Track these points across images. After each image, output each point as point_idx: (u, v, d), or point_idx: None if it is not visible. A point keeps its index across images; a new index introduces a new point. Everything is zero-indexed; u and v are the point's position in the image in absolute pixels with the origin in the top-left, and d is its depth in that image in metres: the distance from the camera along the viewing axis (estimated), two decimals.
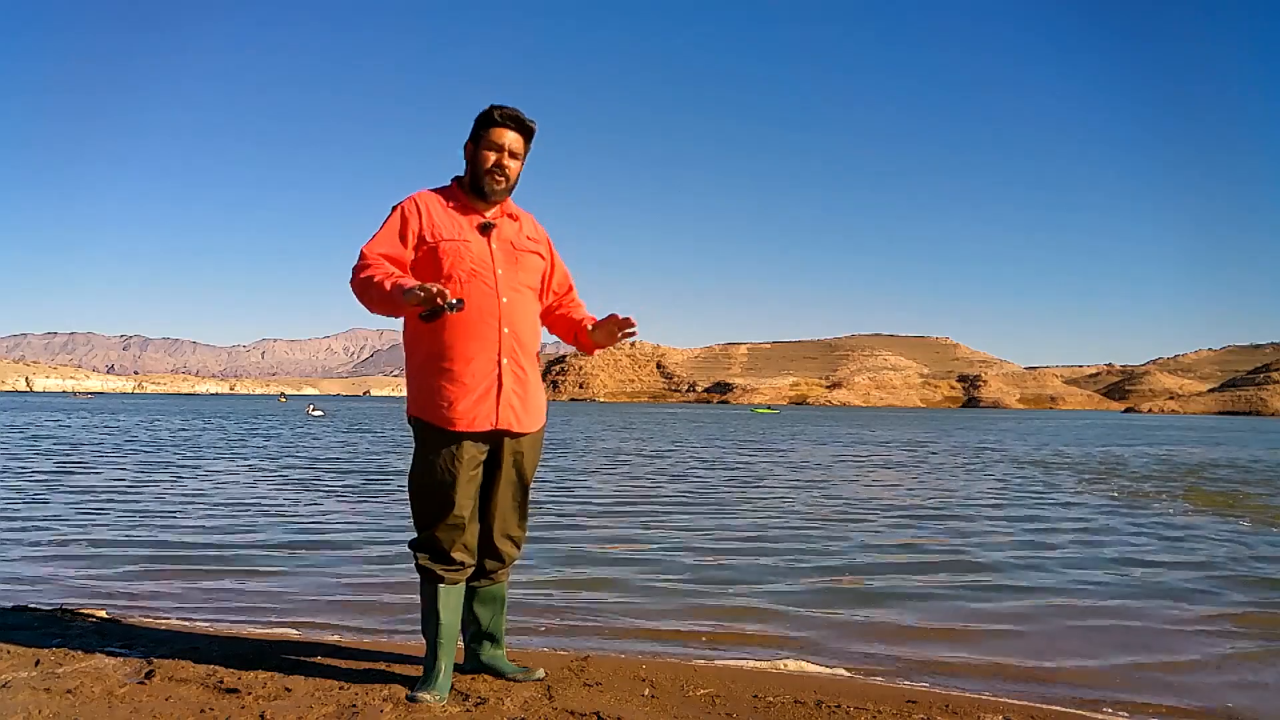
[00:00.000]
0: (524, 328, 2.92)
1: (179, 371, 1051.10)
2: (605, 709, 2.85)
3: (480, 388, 2.83)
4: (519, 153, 2.95)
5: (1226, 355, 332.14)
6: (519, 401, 2.89)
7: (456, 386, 2.83)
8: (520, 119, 2.92)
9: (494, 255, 2.90)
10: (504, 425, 2.87)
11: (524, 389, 2.91)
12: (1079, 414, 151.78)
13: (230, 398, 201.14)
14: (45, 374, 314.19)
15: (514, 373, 2.88)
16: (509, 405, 2.87)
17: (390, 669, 3.17)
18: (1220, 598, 5.42)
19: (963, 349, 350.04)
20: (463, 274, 2.84)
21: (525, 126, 2.94)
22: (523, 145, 2.96)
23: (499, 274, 2.88)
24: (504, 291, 2.88)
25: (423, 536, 2.89)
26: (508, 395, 2.86)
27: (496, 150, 2.90)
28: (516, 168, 2.95)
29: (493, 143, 2.91)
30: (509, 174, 2.93)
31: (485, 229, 2.90)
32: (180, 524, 7.74)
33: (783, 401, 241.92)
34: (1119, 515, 9.49)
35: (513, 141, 2.92)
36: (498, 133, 2.91)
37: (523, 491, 3.01)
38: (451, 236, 2.87)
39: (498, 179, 2.91)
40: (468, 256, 2.86)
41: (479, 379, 2.83)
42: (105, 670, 3.11)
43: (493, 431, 2.87)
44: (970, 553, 6.89)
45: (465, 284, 2.83)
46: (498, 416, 2.85)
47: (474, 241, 2.88)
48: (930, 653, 4.10)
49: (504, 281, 2.89)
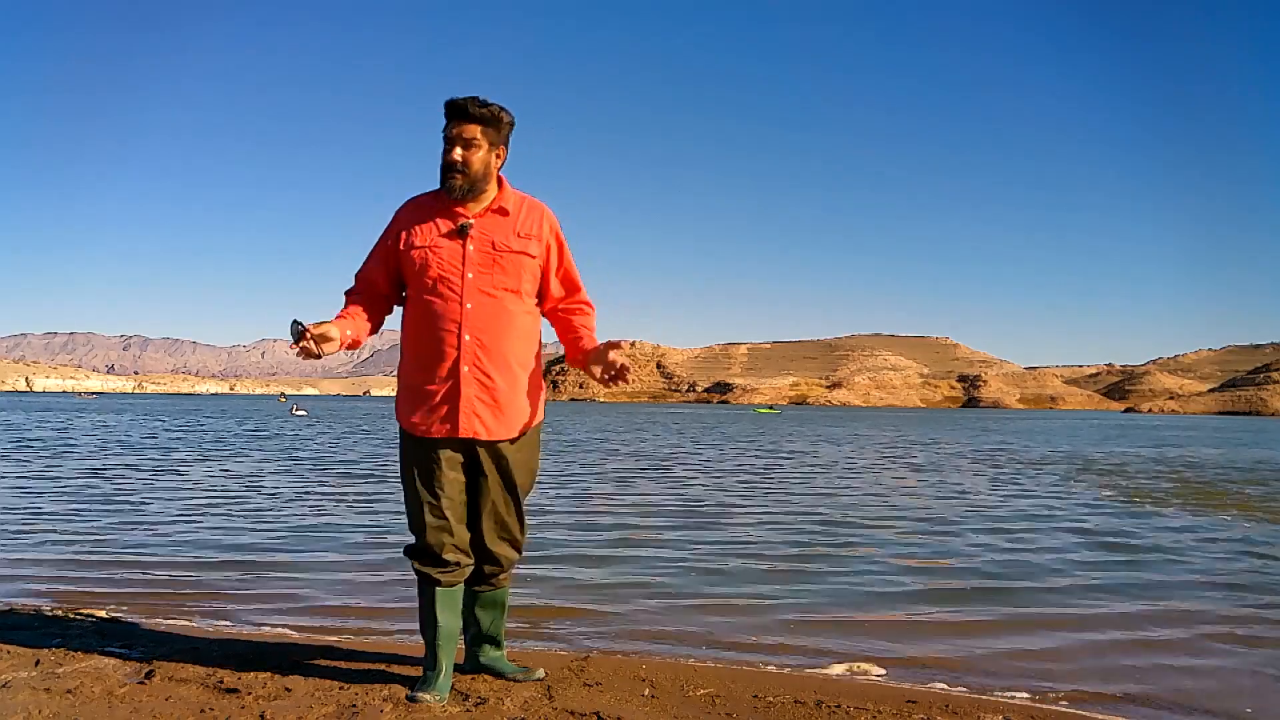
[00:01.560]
0: (494, 333, 2.82)
1: (179, 371, 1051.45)
2: (605, 709, 2.85)
3: (437, 395, 2.81)
4: (474, 139, 2.80)
5: (1226, 355, 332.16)
6: (486, 409, 2.82)
7: (416, 393, 2.85)
8: (463, 105, 2.80)
9: (466, 258, 2.82)
10: (467, 434, 2.81)
11: (491, 396, 2.82)
12: (1080, 414, 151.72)
13: (230, 398, 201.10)
14: (45, 374, 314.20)
15: (478, 380, 2.80)
16: (471, 414, 2.80)
17: (390, 669, 3.17)
18: (1227, 601, 5.40)
19: (963, 349, 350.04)
20: (429, 281, 2.82)
21: (471, 112, 2.79)
22: (479, 130, 2.80)
23: (468, 278, 2.81)
24: (470, 297, 2.80)
25: (417, 541, 2.89)
26: (469, 403, 2.80)
27: (447, 145, 2.82)
28: (478, 156, 2.81)
29: (445, 136, 2.83)
30: (467, 166, 2.81)
31: (461, 231, 2.83)
32: (180, 524, 7.73)
33: (783, 401, 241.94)
34: (1129, 517, 9.49)
35: (461, 129, 2.80)
36: (447, 126, 2.83)
37: (513, 497, 2.95)
38: (421, 243, 2.84)
39: (453, 175, 2.82)
40: (434, 262, 2.82)
41: (436, 387, 2.81)
42: (105, 670, 3.10)
43: (461, 440, 2.84)
44: (973, 553, 6.89)
45: (431, 290, 2.82)
46: (458, 425, 2.80)
47: (444, 246, 2.82)
48: (932, 653, 4.10)
49: (473, 286, 2.81)
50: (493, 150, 2.87)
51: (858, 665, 3.84)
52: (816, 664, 3.84)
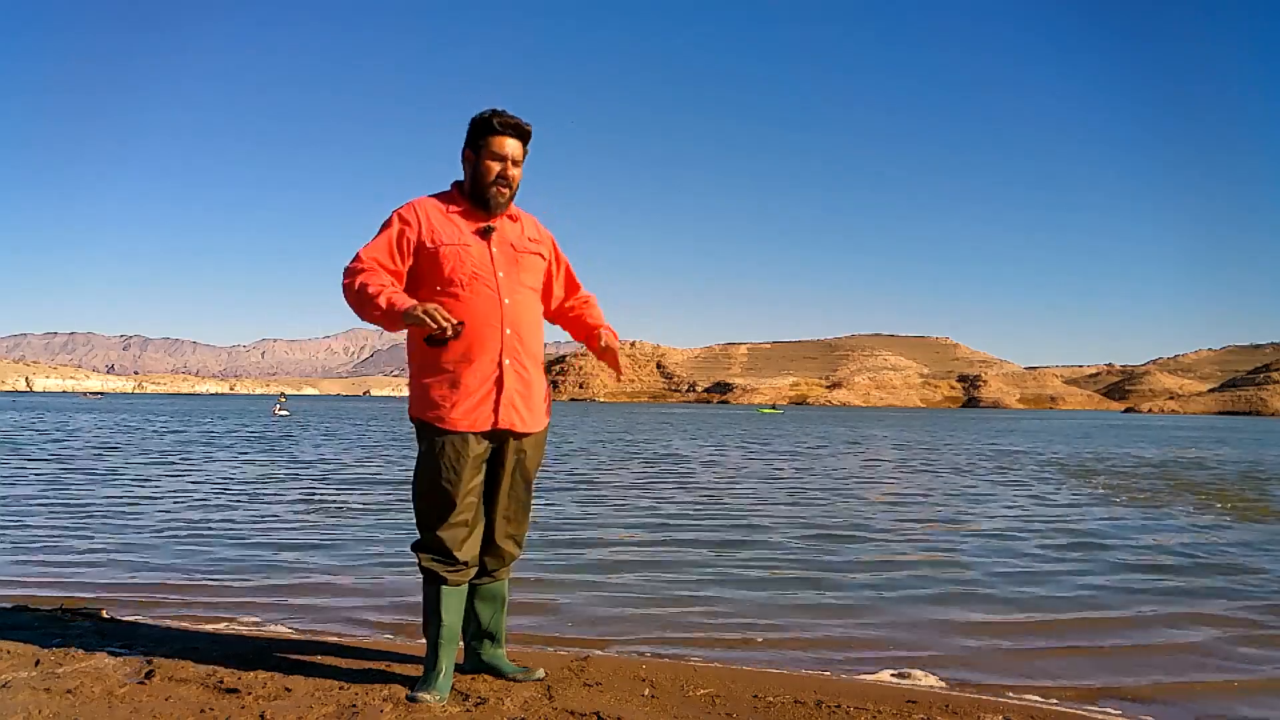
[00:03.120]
0: (526, 329, 2.93)
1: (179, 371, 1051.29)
2: (605, 709, 2.85)
3: (482, 389, 2.85)
4: (520, 160, 2.93)
5: (1226, 355, 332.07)
6: (521, 401, 2.91)
7: (458, 388, 2.84)
8: (520, 125, 2.90)
9: (494, 258, 2.90)
10: (505, 425, 2.88)
11: (527, 389, 2.92)
12: (1080, 414, 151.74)
13: (230, 398, 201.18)
14: (45, 374, 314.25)
15: (516, 373, 2.89)
16: (511, 406, 2.88)
17: (390, 669, 3.17)
18: (1229, 601, 5.39)
19: (963, 349, 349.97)
20: (464, 277, 2.85)
21: (524, 132, 2.92)
22: (523, 151, 2.93)
23: (500, 276, 2.89)
24: (506, 294, 2.88)
25: (426, 537, 2.89)
26: (509, 395, 2.87)
27: (500, 161, 2.88)
28: (518, 175, 2.94)
29: (495, 153, 2.88)
30: (513, 183, 2.92)
31: (485, 233, 2.90)
32: (180, 524, 7.74)
33: (783, 401, 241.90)
34: (1130, 517, 9.49)
35: (514, 149, 2.90)
36: (499, 142, 2.87)
37: (526, 490, 3.02)
38: (452, 241, 2.87)
39: (502, 190, 2.90)
40: (469, 260, 2.86)
41: (481, 381, 2.84)
42: (105, 670, 3.11)
43: (495, 431, 2.88)
44: (974, 554, 6.89)
45: (467, 287, 2.84)
46: (499, 417, 2.86)
47: (474, 245, 2.88)
48: (933, 653, 4.10)
49: (505, 284, 2.89)
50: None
51: (858, 666, 3.85)
52: (817, 664, 3.85)
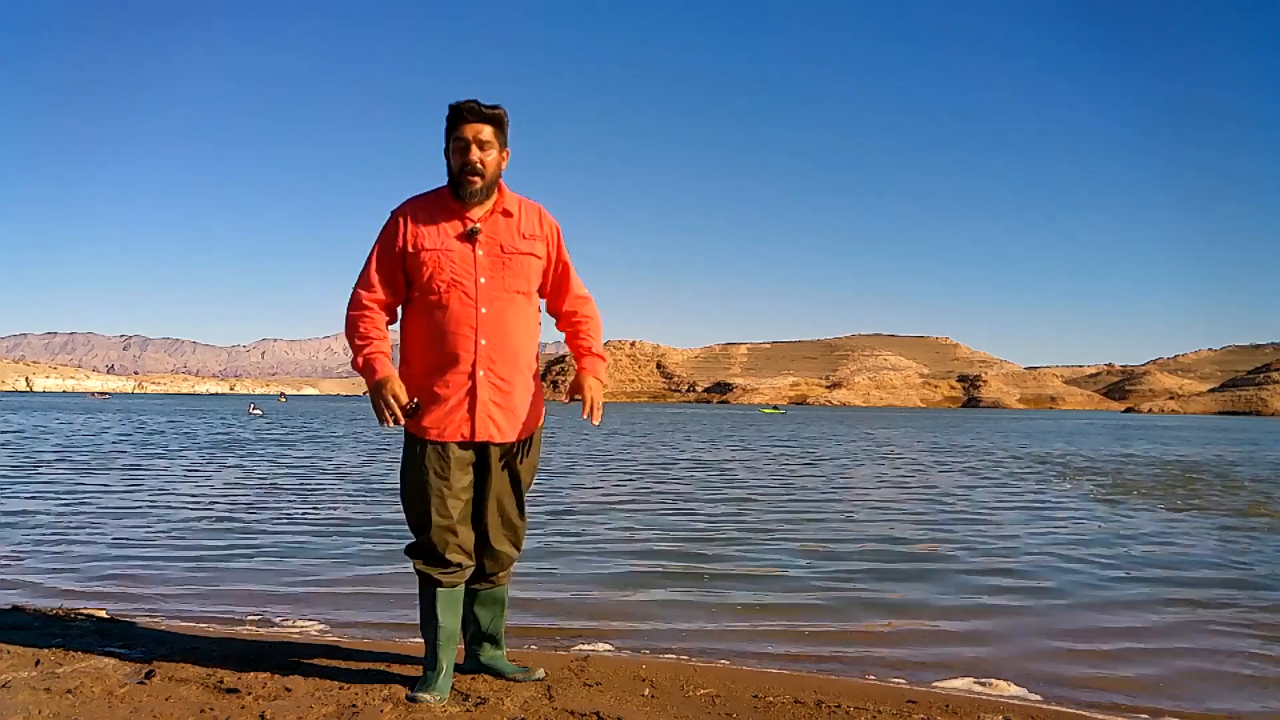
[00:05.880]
0: (508, 337, 2.85)
1: (179, 371, 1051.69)
2: (605, 709, 2.85)
3: (453, 399, 2.82)
4: (490, 141, 2.83)
5: (1226, 355, 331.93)
6: (499, 412, 2.85)
7: (428, 397, 2.83)
8: (478, 109, 2.81)
9: (478, 263, 2.83)
10: (481, 437, 2.84)
11: (505, 399, 2.86)
12: (1080, 414, 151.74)
13: (230, 398, 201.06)
14: (45, 374, 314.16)
15: (492, 384, 2.83)
16: (487, 417, 2.83)
17: (390, 669, 3.17)
18: (1230, 601, 5.38)
19: (963, 349, 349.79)
20: (442, 285, 2.81)
21: (486, 115, 2.82)
22: (493, 133, 2.83)
23: (481, 283, 2.82)
24: (484, 301, 2.82)
25: (418, 541, 2.89)
26: (484, 406, 2.83)
27: (464, 147, 2.80)
28: (492, 158, 2.84)
29: (460, 139, 2.81)
30: (484, 169, 2.82)
31: (470, 235, 2.83)
32: (180, 524, 7.74)
33: (783, 402, 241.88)
34: (1131, 518, 9.48)
35: (479, 132, 2.81)
36: (462, 128, 2.81)
37: (517, 495, 2.98)
38: (432, 246, 2.82)
39: (471, 178, 2.81)
40: (448, 266, 2.81)
41: (452, 391, 2.81)
42: (105, 670, 3.11)
43: (475, 441, 2.85)
44: (975, 554, 6.89)
45: (444, 294, 2.81)
46: (473, 428, 2.83)
47: (456, 250, 2.82)
48: (933, 653, 4.10)
49: (486, 290, 2.82)
50: (501, 152, 2.89)
51: (858, 666, 3.84)
52: (817, 665, 3.84)
